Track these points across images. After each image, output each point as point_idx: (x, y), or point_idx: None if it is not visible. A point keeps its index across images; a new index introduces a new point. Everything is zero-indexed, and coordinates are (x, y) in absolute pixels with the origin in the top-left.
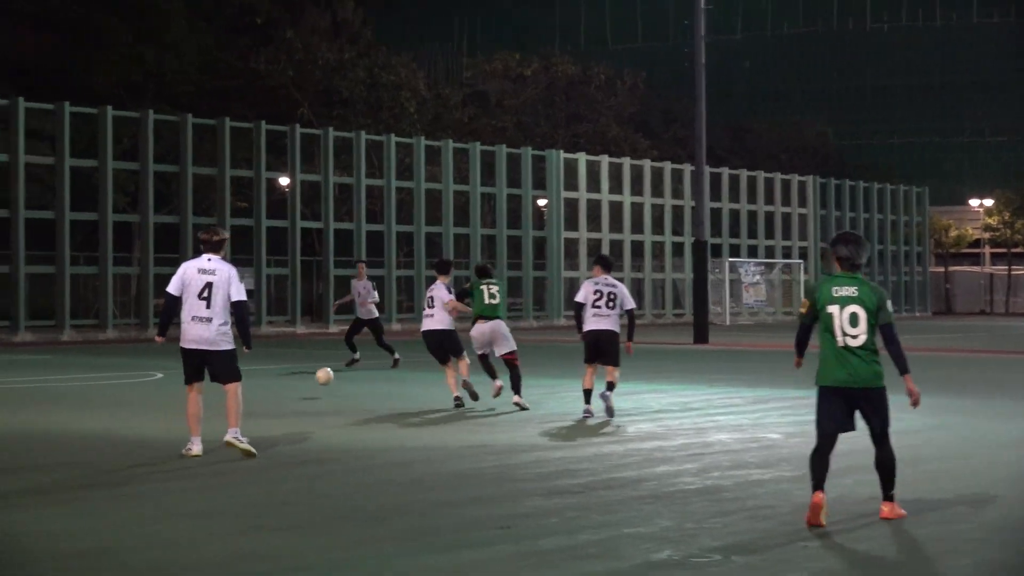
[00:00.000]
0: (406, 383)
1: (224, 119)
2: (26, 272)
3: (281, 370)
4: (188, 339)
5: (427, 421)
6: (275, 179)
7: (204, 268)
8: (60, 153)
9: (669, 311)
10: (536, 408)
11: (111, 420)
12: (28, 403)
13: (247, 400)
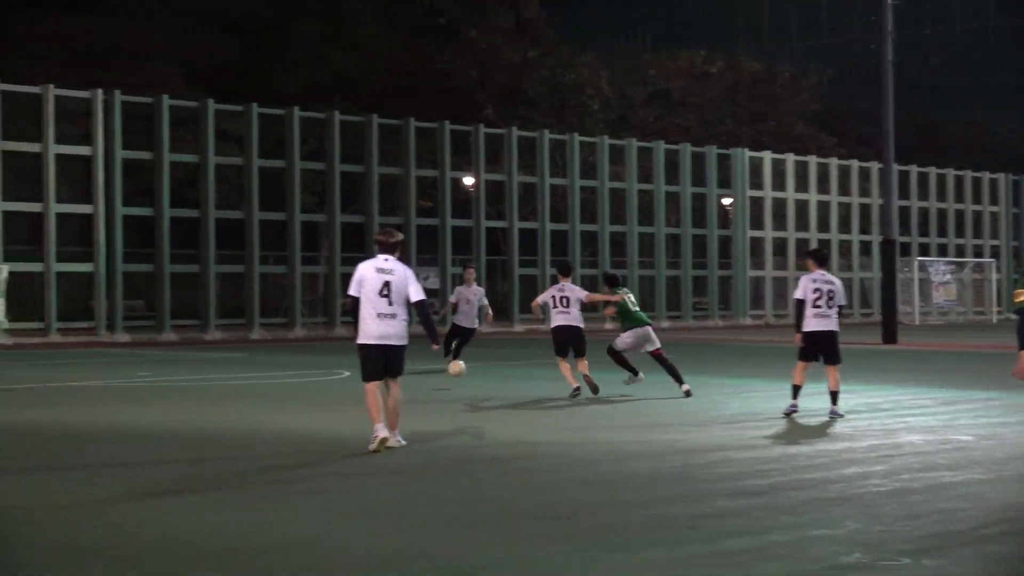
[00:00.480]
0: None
1: (409, 119)
2: (216, 271)
3: None
4: (372, 335)
5: (608, 420)
6: (460, 178)
7: (382, 267)
8: (249, 154)
9: (857, 311)
10: (722, 408)
11: (296, 417)
12: (217, 400)
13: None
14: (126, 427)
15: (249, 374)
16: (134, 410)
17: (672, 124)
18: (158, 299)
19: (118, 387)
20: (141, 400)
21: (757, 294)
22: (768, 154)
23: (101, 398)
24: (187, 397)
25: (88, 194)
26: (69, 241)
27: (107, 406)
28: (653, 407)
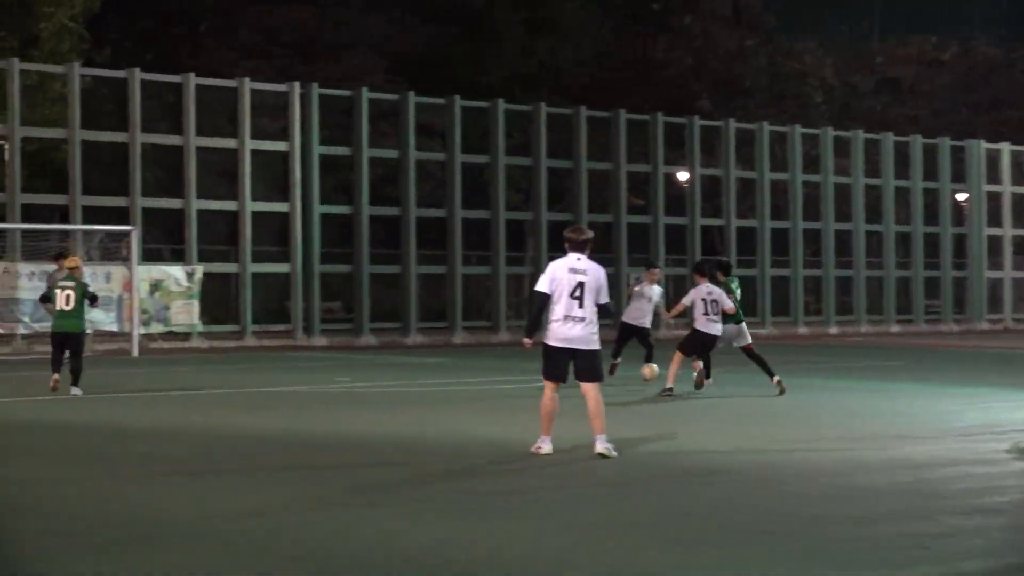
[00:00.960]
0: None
1: (619, 111)
2: (417, 272)
3: None
4: (560, 338)
5: (838, 431)
6: (673, 174)
7: (575, 267)
8: (451, 149)
9: None
10: (956, 419)
11: (497, 424)
12: (416, 406)
13: None
14: (320, 433)
15: (450, 380)
16: (330, 416)
17: (901, 114)
18: (357, 301)
19: (315, 393)
20: (337, 406)
21: (994, 296)
22: (1007, 145)
23: (297, 403)
24: (385, 403)
25: (284, 192)
26: (265, 241)
27: (303, 412)
28: (873, 416)
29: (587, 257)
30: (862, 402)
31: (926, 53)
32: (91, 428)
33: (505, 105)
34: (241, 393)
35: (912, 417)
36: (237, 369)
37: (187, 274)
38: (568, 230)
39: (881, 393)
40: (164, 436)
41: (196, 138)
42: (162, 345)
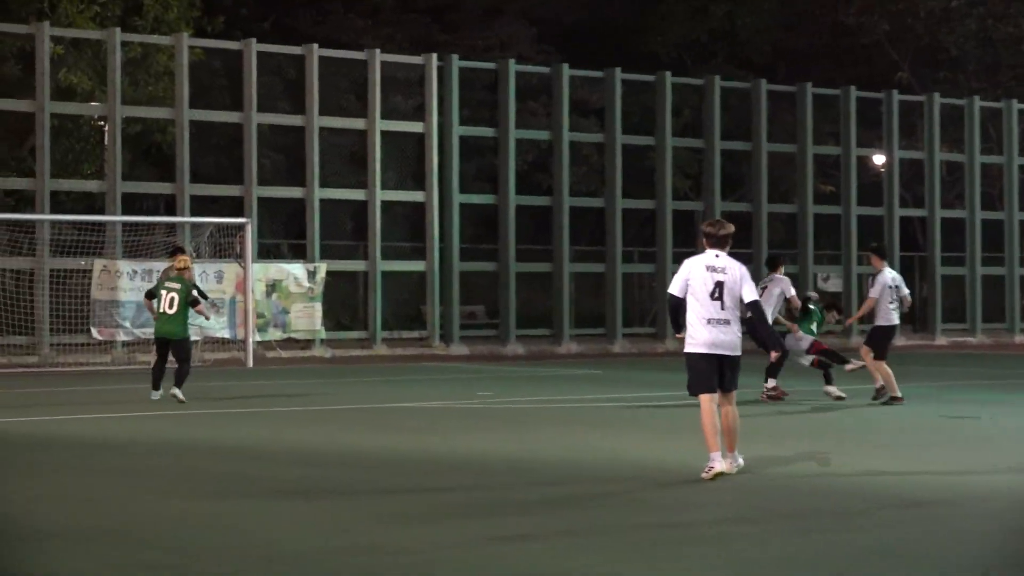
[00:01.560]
0: None
1: (805, 85)
2: (571, 271)
3: None
4: (704, 343)
5: None
6: (867, 157)
7: (712, 265)
8: (611, 129)
9: None
10: None
11: (658, 447)
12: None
13: None
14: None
15: (607, 395)
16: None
17: None
18: (502, 304)
19: (452, 409)
20: (479, 424)
21: None
22: None
23: (433, 421)
24: (532, 421)
25: (420, 179)
26: (397, 235)
27: (440, 431)
28: None
29: (727, 254)
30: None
31: None
32: (200, 447)
33: (673, 78)
34: (369, 409)
35: None
36: (364, 382)
37: (309, 273)
38: (705, 223)
39: None
40: (279, 457)
41: (320, 118)
42: (280, 354)
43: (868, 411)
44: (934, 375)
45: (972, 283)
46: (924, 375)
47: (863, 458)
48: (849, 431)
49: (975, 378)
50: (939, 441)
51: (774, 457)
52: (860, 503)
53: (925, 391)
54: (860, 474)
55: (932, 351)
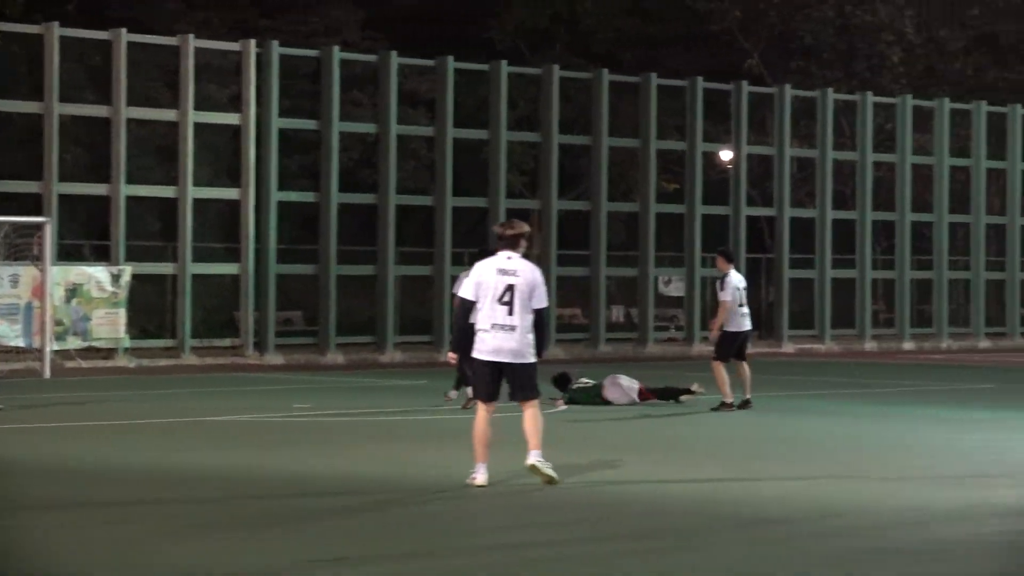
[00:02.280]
0: None
1: (649, 75)
2: (397, 274)
3: None
4: (487, 350)
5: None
6: (714, 152)
7: (504, 268)
8: (441, 122)
9: None
10: None
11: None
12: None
13: None
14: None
15: (431, 406)
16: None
17: (1000, 79)
18: (321, 309)
19: (266, 423)
20: (291, 438)
21: None
22: None
23: (243, 436)
24: (348, 434)
25: (235, 175)
26: (209, 235)
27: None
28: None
29: (520, 256)
30: (942, 434)
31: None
32: None
33: (509, 68)
34: (173, 424)
35: (1004, 452)
36: (171, 393)
37: (112, 276)
38: (497, 225)
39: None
40: (83, 477)
41: (127, 109)
42: (80, 364)
43: (714, 422)
44: (781, 384)
45: (821, 287)
46: (770, 384)
47: (699, 470)
48: (690, 443)
49: (821, 388)
50: (779, 453)
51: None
52: (700, 520)
53: (770, 402)
54: (703, 490)
55: (779, 359)
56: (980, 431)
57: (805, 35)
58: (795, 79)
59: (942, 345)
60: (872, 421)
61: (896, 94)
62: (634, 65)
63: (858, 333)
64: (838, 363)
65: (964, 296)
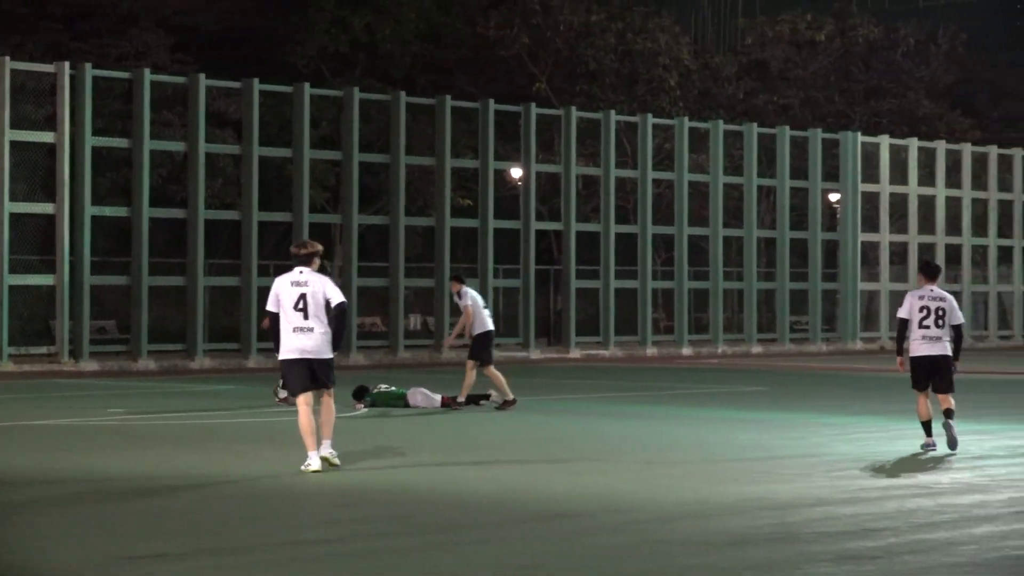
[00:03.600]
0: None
1: (445, 98)
2: (206, 285)
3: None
4: (293, 350)
5: (691, 468)
6: (505, 170)
7: (297, 280)
8: (247, 141)
9: (993, 332)
10: (825, 452)
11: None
12: (204, 441)
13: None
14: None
15: (240, 409)
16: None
17: (769, 102)
18: (134, 318)
19: (84, 427)
20: (111, 442)
21: (870, 312)
22: (886, 139)
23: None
24: (158, 436)
25: (50, 191)
26: (25, 248)
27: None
28: (736, 453)
29: (312, 271)
30: (718, 434)
31: (799, 33)
32: None
33: (312, 90)
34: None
35: (775, 450)
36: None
37: None
38: (293, 245)
39: (740, 423)
40: None
41: None
42: None
43: (500, 421)
44: (568, 388)
45: (606, 296)
46: (559, 388)
47: (498, 468)
48: (487, 442)
49: (606, 391)
50: (568, 451)
51: (414, 469)
52: (501, 516)
53: (560, 404)
54: (499, 486)
55: (566, 364)
56: (753, 430)
57: (589, 60)
58: (580, 102)
59: (718, 351)
60: (655, 422)
61: (674, 116)
62: (429, 88)
63: (640, 339)
64: (622, 368)
65: (738, 304)
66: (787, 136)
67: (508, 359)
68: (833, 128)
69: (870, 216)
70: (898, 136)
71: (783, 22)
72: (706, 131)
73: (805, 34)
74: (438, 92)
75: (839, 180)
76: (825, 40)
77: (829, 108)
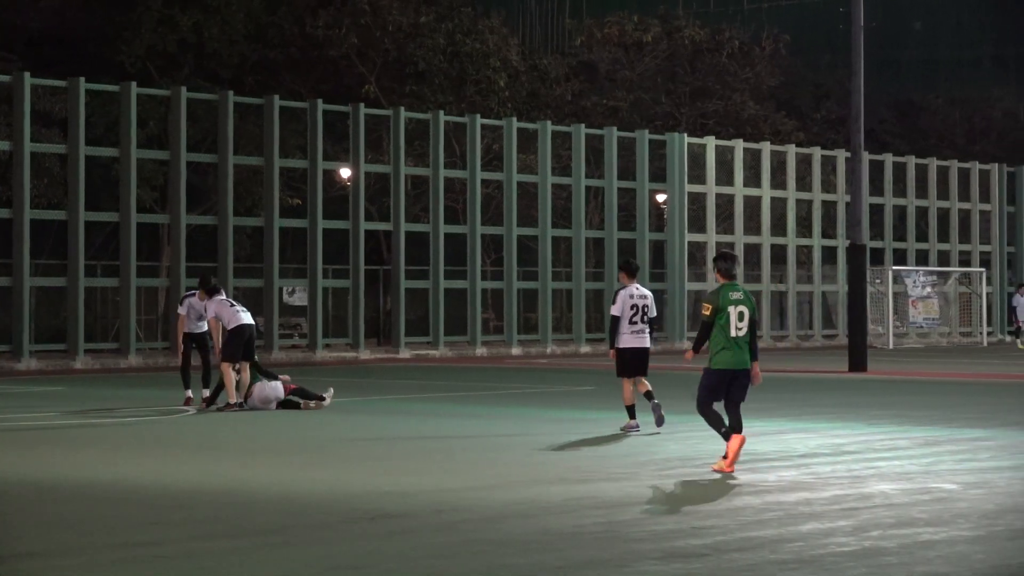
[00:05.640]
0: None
1: (273, 97)
2: (31, 285)
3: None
4: None
5: (519, 468)
6: (334, 171)
7: None
8: (74, 140)
9: (818, 332)
10: (652, 452)
11: (130, 466)
12: (30, 444)
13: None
14: None
15: (72, 411)
16: None
17: (597, 104)
18: None
19: None
20: None
21: (696, 311)
22: (712, 140)
23: None
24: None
25: None
26: None
27: None
28: (565, 452)
29: None
30: (545, 433)
31: (626, 34)
32: None
33: (139, 89)
34: None
35: (603, 450)
36: None
37: None
38: None
39: (568, 423)
40: None
41: None
42: None
43: (329, 421)
44: (396, 388)
45: (436, 296)
46: (387, 388)
47: (327, 470)
48: (315, 444)
49: (435, 391)
50: (394, 452)
51: (243, 470)
52: (329, 516)
53: (386, 404)
54: (326, 487)
55: (396, 364)
56: (581, 430)
57: (419, 61)
58: (409, 102)
59: (547, 350)
60: (483, 421)
61: (503, 117)
62: (258, 88)
63: (470, 339)
64: (451, 368)
65: (567, 305)
66: (615, 137)
67: (337, 359)
68: (660, 130)
69: (697, 216)
70: (724, 137)
71: (609, 23)
72: (534, 132)
73: (632, 36)
74: (266, 92)
75: (666, 181)
76: (652, 42)
77: (656, 110)
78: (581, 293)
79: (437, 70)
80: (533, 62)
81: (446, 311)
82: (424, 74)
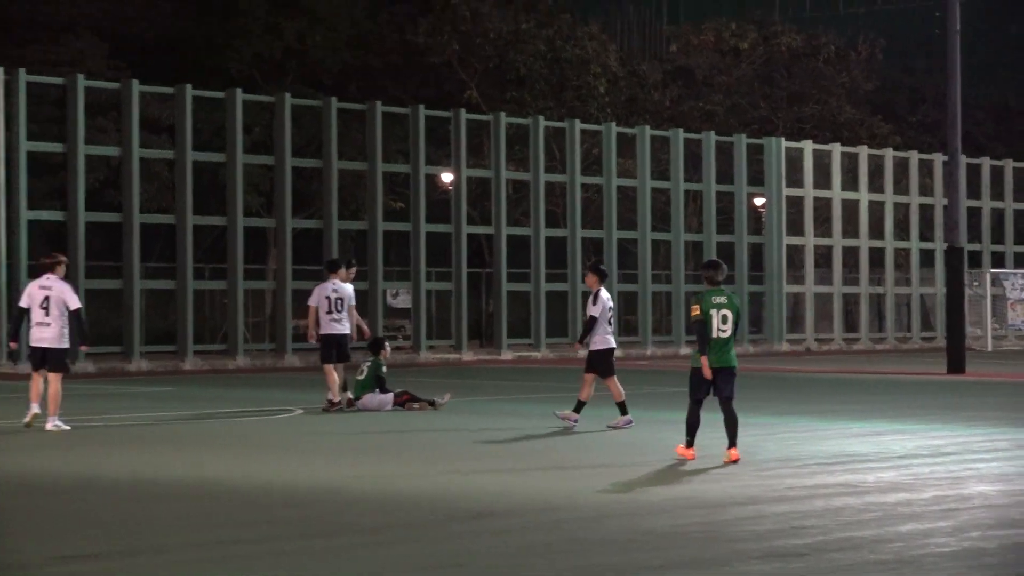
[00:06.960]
0: None
1: (375, 103)
2: (141, 288)
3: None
4: (33, 340)
5: (619, 468)
6: (436, 175)
7: (44, 285)
8: (181, 146)
9: (916, 334)
10: (752, 452)
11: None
12: (141, 443)
13: None
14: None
15: (179, 412)
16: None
17: (694, 109)
18: None
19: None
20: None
21: (795, 314)
22: (809, 144)
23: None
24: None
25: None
26: None
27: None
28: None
29: (56, 277)
30: (648, 434)
31: (723, 41)
32: None
33: (244, 95)
34: None
35: (703, 451)
36: None
37: None
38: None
39: (665, 424)
40: None
41: None
42: None
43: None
44: (499, 389)
45: (536, 299)
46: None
47: (428, 470)
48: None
49: (537, 392)
50: (496, 451)
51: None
52: (427, 515)
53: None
54: (427, 487)
55: (498, 365)
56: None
57: (519, 67)
58: (509, 107)
59: (647, 352)
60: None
61: (602, 122)
62: (360, 94)
63: (571, 341)
64: (553, 369)
65: (666, 307)
66: (712, 141)
67: (440, 361)
68: (757, 134)
69: (795, 220)
70: (821, 141)
71: (707, 30)
72: (633, 136)
73: (729, 42)
74: (369, 98)
75: (764, 184)
76: (749, 48)
77: (753, 114)
78: (680, 296)
79: (537, 76)
80: (631, 68)
81: (547, 313)
82: (524, 80)
